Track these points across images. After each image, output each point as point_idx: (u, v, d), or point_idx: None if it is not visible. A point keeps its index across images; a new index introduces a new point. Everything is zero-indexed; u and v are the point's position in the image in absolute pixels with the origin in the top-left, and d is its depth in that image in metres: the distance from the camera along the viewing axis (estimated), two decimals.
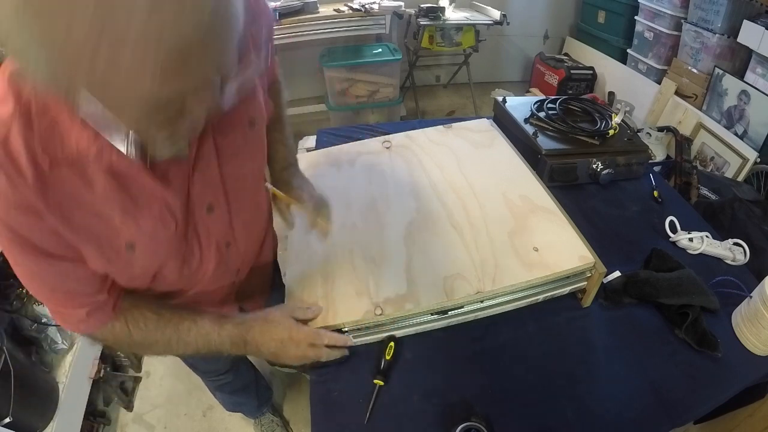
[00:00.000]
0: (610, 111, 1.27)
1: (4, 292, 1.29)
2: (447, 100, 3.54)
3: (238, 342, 0.69)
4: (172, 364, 1.73)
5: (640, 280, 0.89)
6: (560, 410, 0.74)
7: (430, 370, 0.79)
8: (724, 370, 0.79)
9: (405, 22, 2.89)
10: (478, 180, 1.04)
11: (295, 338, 0.70)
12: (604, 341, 0.84)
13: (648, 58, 2.67)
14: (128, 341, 0.64)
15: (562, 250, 0.84)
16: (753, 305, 0.79)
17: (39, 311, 1.37)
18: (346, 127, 1.51)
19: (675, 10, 2.39)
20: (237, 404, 1.38)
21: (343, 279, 0.83)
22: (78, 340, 1.40)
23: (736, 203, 1.51)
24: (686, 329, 0.82)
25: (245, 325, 0.70)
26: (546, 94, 3.01)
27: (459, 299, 0.77)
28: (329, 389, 0.77)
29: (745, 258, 0.99)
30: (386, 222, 0.94)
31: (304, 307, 0.77)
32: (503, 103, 1.37)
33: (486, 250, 0.85)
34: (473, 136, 1.23)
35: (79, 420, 1.34)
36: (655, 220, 1.08)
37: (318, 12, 2.63)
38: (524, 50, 3.59)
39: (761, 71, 1.94)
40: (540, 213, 0.93)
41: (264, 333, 0.70)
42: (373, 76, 2.70)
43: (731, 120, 2.10)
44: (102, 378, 1.50)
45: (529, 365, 0.80)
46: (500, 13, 2.68)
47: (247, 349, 0.71)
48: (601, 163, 1.15)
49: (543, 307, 0.88)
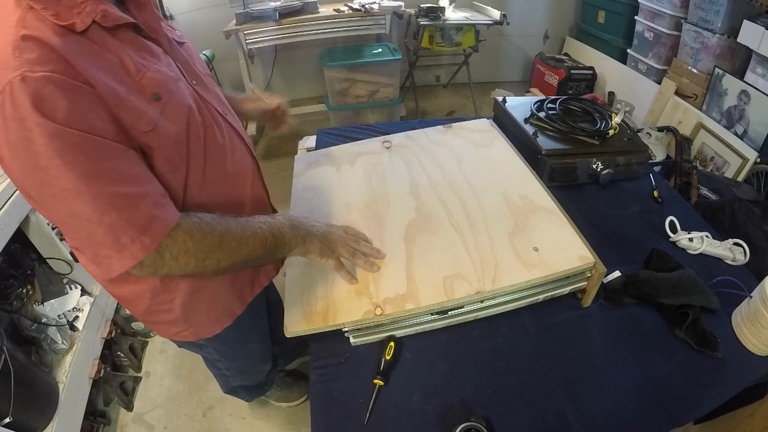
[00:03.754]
0: (610, 111, 1.27)
1: (4, 292, 1.29)
2: (447, 100, 3.54)
3: (294, 223, 0.77)
4: (172, 365, 1.73)
5: (640, 280, 0.89)
6: (560, 410, 0.74)
7: (430, 370, 0.79)
8: (724, 370, 0.79)
9: (405, 22, 2.89)
10: (478, 180, 1.04)
11: (340, 232, 0.84)
12: (604, 341, 0.84)
13: (648, 58, 2.67)
14: (193, 247, 0.63)
15: (562, 250, 0.84)
16: (753, 305, 0.79)
17: (39, 311, 1.37)
18: (346, 127, 1.51)
19: (675, 10, 2.39)
20: (264, 383, 1.36)
21: (343, 279, 0.83)
22: (78, 340, 1.40)
23: (736, 203, 1.51)
24: (686, 329, 0.82)
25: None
26: (546, 94, 3.01)
27: (459, 299, 0.77)
28: (329, 389, 0.77)
29: (745, 258, 0.99)
30: (386, 222, 0.94)
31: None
32: (503, 103, 1.37)
33: (486, 250, 0.85)
34: (473, 136, 1.23)
35: (79, 420, 1.34)
36: (655, 220, 1.08)
37: (318, 12, 2.63)
38: (524, 50, 3.59)
39: (761, 71, 1.94)
40: (540, 213, 0.93)
41: (316, 221, 0.83)
42: (373, 76, 2.70)
43: (731, 120, 2.10)
44: (102, 378, 1.51)
45: (529, 365, 0.80)
46: (500, 13, 2.68)
47: (302, 229, 0.78)
48: (601, 163, 1.15)
49: (543, 307, 0.88)
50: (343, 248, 0.82)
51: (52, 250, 1.43)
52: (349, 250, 0.83)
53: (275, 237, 0.73)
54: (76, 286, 1.52)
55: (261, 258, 0.73)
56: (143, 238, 0.58)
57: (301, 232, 0.77)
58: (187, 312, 0.82)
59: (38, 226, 1.37)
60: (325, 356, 0.82)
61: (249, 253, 0.70)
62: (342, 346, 0.83)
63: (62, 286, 1.49)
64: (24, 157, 0.51)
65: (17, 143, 0.50)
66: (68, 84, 0.51)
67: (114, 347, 1.69)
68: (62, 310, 1.43)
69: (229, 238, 0.67)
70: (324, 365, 0.81)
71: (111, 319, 1.62)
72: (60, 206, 0.54)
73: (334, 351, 0.83)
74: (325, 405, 0.76)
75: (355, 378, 0.78)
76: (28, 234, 1.37)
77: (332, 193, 1.04)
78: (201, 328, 0.89)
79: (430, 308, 0.77)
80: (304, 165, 1.16)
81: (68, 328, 1.40)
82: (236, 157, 0.79)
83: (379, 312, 0.76)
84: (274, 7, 2.47)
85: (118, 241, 0.57)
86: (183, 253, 0.62)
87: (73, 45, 0.53)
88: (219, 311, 0.89)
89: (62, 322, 1.40)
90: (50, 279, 1.46)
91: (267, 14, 2.47)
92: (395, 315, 0.77)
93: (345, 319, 0.76)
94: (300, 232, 0.77)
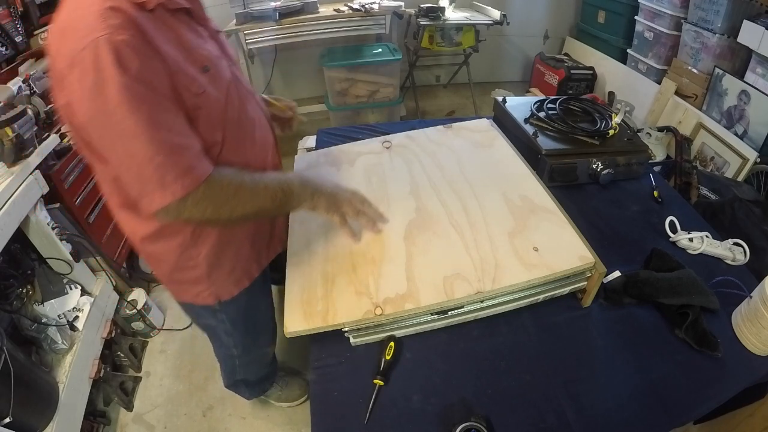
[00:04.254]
0: (610, 111, 1.27)
1: (4, 292, 1.29)
2: (447, 100, 3.54)
3: (304, 180, 0.86)
4: (172, 365, 1.73)
5: (640, 280, 0.89)
6: (560, 410, 0.74)
7: (430, 370, 0.80)
8: (724, 370, 0.79)
9: (405, 22, 2.89)
10: (478, 180, 1.04)
11: (347, 193, 0.91)
12: (604, 341, 0.84)
13: (648, 58, 2.67)
14: (212, 195, 0.73)
15: (562, 250, 0.84)
16: (753, 305, 0.79)
17: (39, 311, 1.37)
18: (346, 127, 1.51)
19: (675, 10, 2.39)
20: (263, 379, 1.39)
21: (343, 279, 0.83)
22: (78, 340, 1.40)
23: (736, 203, 1.51)
24: (686, 329, 0.82)
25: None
26: (546, 94, 3.01)
27: (459, 299, 0.77)
28: (329, 389, 0.77)
29: (745, 258, 0.99)
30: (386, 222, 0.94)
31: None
32: (503, 103, 1.37)
33: (486, 250, 0.85)
34: (473, 136, 1.23)
35: (79, 420, 1.34)
36: (655, 220, 1.08)
37: (318, 12, 2.63)
38: (524, 50, 3.59)
39: (761, 71, 1.94)
40: (540, 213, 0.93)
41: (325, 180, 0.91)
42: (373, 76, 2.70)
43: (731, 120, 2.10)
44: (102, 378, 1.51)
45: (529, 365, 0.80)
46: (500, 13, 2.68)
47: (311, 185, 0.86)
48: (601, 163, 1.15)
49: (543, 307, 0.88)
50: (348, 207, 0.90)
51: (52, 250, 1.43)
52: (354, 209, 0.90)
53: (284, 191, 0.82)
54: (76, 286, 1.52)
55: (271, 210, 0.82)
56: (184, 179, 0.68)
57: (309, 188, 0.86)
58: (211, 269, 0.91)
59: (38, 226, 1.37)
60: (325, 356, 0.82)
61: (260, 204, 0.79)
62: (342, 346, 0.83)
63: (62, 286, 1.49)
64: (96, 101, 0.61)
65: (93, 89, 0.60)
66: (142, 48, 0.62)
67: (114, 347, 1.69)
68: (62, 310, 1.43)
69: (243, 190, 0.77)
70: (324, 365, 0.81)
71: (111, 319, 1.62)
72: (119, 146, 0.65)
73: (334, 351, 0.83)
74: (325, 405, 0.76)
75: (355, 378, 0.78)
76: (28, 234, 1.37)
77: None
78: (222, 288, 0.96)
79: (430, 308, 0.77)
80: (304, 165, 1.16)
81: (68, 328, 1.40)
82: (262, 130, 0.91)
83: (379, 312, 0.76)
84: (274, 7, 2.47)
85: (163, 179, 0.67)
86: (203, 199, 0.72)
87: (145, 19, 0.64)
88: (239, 271, 0.97)
89: (62, 322, 1.39)
90: (50, 279, 1.46)
91: (267, 14, 2.47)
92: (395, 315, 0.77)
93: (345, 319, 0.76)
94: (309, 188, 0.86)
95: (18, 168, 1.30)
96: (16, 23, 1.67)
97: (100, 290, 1.59)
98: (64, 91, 0.64)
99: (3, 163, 1.27)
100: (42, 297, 1.43)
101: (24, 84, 1.53)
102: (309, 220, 0.96)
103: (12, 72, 1.65)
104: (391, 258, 0.86)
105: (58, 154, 1.58)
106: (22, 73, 1.64)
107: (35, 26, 1.78)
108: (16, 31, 1.67)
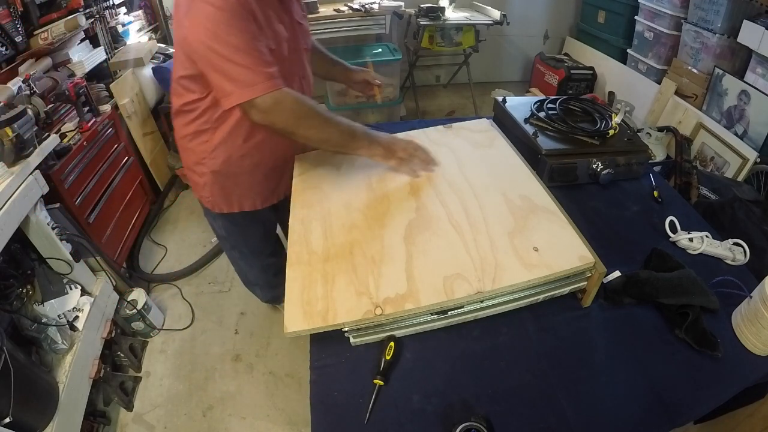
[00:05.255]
0: (610, 111, 1.27)
1: (4, 292, 1.29)
2: (447, 100, 3.54)
3: (366, 130, 1.04)
4: (172, 365, 1.73)
5: (640, 280, 0.89)
6: (560, 410, 0.74)
7: (430, 370, 0.79)
8: (724, 370, 0.79)
9: (405, 22, 2.89)
10: (478, 180, 1.04)
11: (402, 143, 1.07)
12: (604, 341, 0.84)
13: (648, 58, 2.67)
14: (296, 108, 0.94)
15: (562, 250, 0.84)
16: (753, 305, 0.79)
17: (39, 311, 1.37)
18: None
19: (675, 10, 2.39)
20: (274, 287, 1.55)
21: (343, 279, 0.83)
22: (78, 340, 1.40)
23: (736, 203, 1.51)
24: (686, 329, 0.82)
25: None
26: (546, 94, 3.01)
27: (459, 299, 0.77)
28: (329, 389, 0.77)
29: (745, 258, 0.99)
30: (386, 222, 0.94)
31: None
32: (503, 103, 1.37)
33: (486, 250, 0.85)
34: (473, 136, 1.23)
35: (79, 420, 1.34)
36: (655, 220, 1.08)
37: (318, 12, 2.63)
38: (524, 50, 3.60)
39: (761, 71, 1.95)
40: (540, 213, 0.93)
41: (384, 134, 1.08)
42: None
43: (731, 120, 2.10)
44: (102, 378, 1.51)
45: (528, 365, 0.80)
46: (500, 13, 2.68)
47: (371, 134, 1.04)
48: (601, 163, 1.15)
49: (543, 307, 0.88)
50: (402, 152, 1.05)
51: (52, 250, 1.43)
52: (407, 152, 1.05)
53: (350, 132, 1.01)
54: (76, 286, 1.52)
55: (337, 143, 1.02)
56: (268, 82, 0.89)
57: (370, 136, 1.04)
58: (212, 185, 1.15)
59: (38, 226, 1.37)
60: (325, 356, 0.82)
61: (329, 133, 0.99)
62: (342, 346, 0.83)
63: (62, 286, 1.49)
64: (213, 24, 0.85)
65: (212, 16, 0.84)
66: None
67: (114, 347, 1.69)
68: (62, 310, 1.43)
69: (318, 114, 0.97)
70: (324, 365, 0.81)
71: (111, 319, 1.62)
72: (223, 50, 0.86)
73: (334, 351, 0.83)
74: (325, 405, 0.76)
75: (355, 378, 0.78)
76: (28, 234, 1.37)
77: (333, 193, 1.04)
78: (217, 204, 1.21)
79: (430, 308, 0.77)
80: (304, 165, 1.16)
81: (68, 328, 1.40)
82: (306, 79, 1.17)
83: (379, 312, 0.76)
84: None
85: (254, 79, 0.88)
86: (289, 107, 0.93)
87: None
88: (235, 198, 1.20)
89: (62, 322, 1.39)
90: (50, 279, 1.47)
91: None
92: (395, 315, 0.77)
93: (345, 318, 0.76)
94: (369, 136, 1.04)
95: (18, 168, 1.30)
96: (16, 23, 1.67)
97: (100, 290, 1.59)
98: (189, 13, 0.86)
99: (3, 163, 1.28)
100: (42, 297, 1.43)
101: (24, 84, 1.53)
102: (309, 219, 0.96)
103: (12, 72, 1.65)
104: (391, 258, 0.85)
105: (58, 154, 1.58)
106: (22, 73, 1.64)
107: (35, 26, 1.78)
108: (16, 31, 1.67)
